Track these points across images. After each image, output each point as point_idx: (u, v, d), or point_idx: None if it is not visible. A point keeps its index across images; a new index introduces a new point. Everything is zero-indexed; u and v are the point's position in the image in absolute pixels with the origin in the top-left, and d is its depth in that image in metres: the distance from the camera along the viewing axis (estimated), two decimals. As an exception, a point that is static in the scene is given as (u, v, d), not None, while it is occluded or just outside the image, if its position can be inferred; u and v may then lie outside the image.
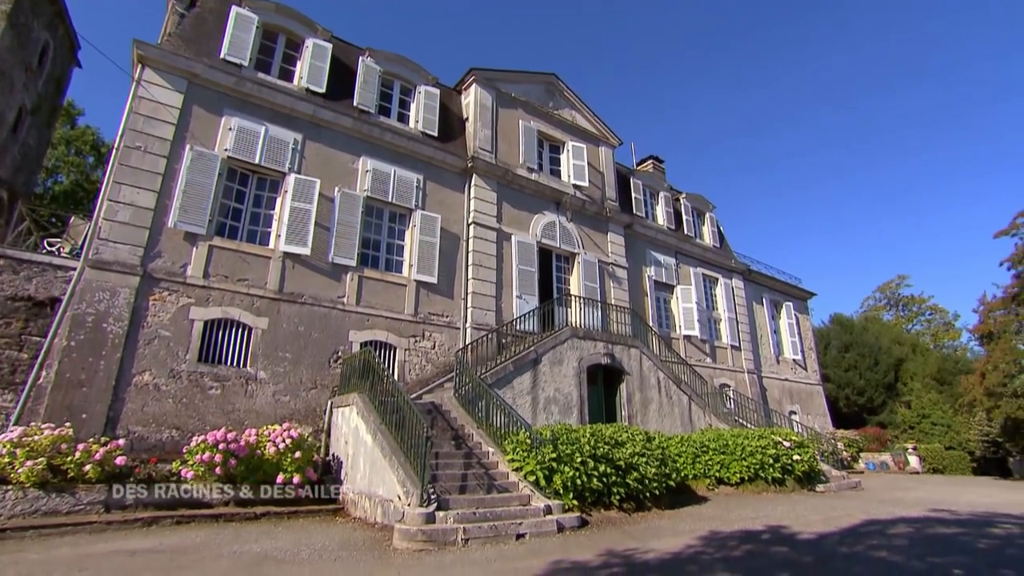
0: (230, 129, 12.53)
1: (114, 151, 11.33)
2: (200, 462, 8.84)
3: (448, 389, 12.55)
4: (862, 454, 25.39)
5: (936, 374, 32.18)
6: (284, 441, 9.47)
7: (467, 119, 17.36)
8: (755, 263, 26.96)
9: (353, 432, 10.16)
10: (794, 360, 27.38)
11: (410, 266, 14.51)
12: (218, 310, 11.43)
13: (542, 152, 18.92)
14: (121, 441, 8.97)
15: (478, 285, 15.34)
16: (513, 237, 16.56)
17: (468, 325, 14.88)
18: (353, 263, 13.43)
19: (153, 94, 11.73)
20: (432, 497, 7.77)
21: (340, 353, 12.68)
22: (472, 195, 16.17)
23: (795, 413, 25.24)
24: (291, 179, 12.98)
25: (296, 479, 9.28)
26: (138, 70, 11.79)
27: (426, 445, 7.98)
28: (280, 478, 9.20)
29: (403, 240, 14.85)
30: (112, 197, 10.85)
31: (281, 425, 10.03)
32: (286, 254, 12.54)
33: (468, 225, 15.86)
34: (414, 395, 12.38)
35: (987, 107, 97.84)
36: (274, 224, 12.80)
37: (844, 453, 23.61)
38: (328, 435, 11.44)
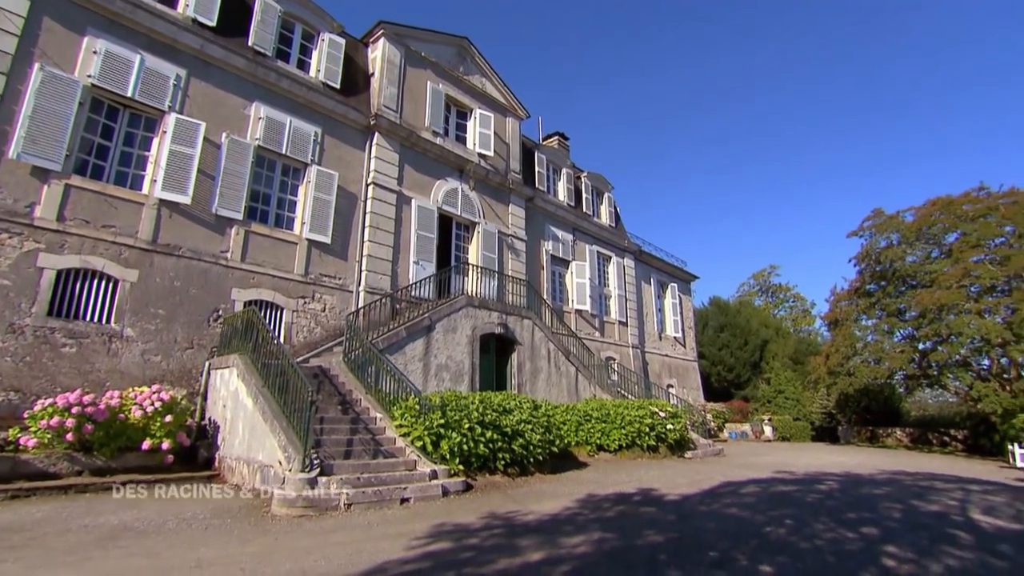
0: (95, 52, 10.98)
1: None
2: (46, 428, 7.94)
3: (337, 353, 12.24)
4: (727, 424, 28.16)
5: (793, 355, 36.19)
6: (153, 404, 8.79)
7: (373, 74, 16.56)
8: (646, 244, 28.49)
9: (233, 395, 9.64)
10: (675, 338, 29.48)
11: (302, 224, 13.77)
12: (76, 259, 10.18)
13: (449, 117, 18.55)
14: (-61, 406, 7.85)
15: (374, 248, 14.91)
16: (414, 201, 16.21)
17: (362, 289, 14.48)
18: (239, 216, 12.50)
19: (-17, -7, 9.88)
20: (315, 462, 7.61)
21: (221, 312, 11.86)
22: (373, 154, 15.55)
23: (672, 386, 27.31)
24: (171, 119, 11.72)
25: (166, 445, 8.67)
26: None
27: (310, 410, 7.75)
28: (147, 444, 8.56)
29: (296, 196, 14.02)
30: (-72, 116, 9.16)
31: (150, 387, 9.29)
32: (162, 201, 11.40)
33: (367, 185, 15.28)
34: (301, 358, 11.94)
35: (858, 115, 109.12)
36: (149, 167, 11.54)
37: (712, 423, 26.05)
38: (205, 398, 10.76)
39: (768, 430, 28.67)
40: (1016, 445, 18.72)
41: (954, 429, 28.69)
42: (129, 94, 11.27)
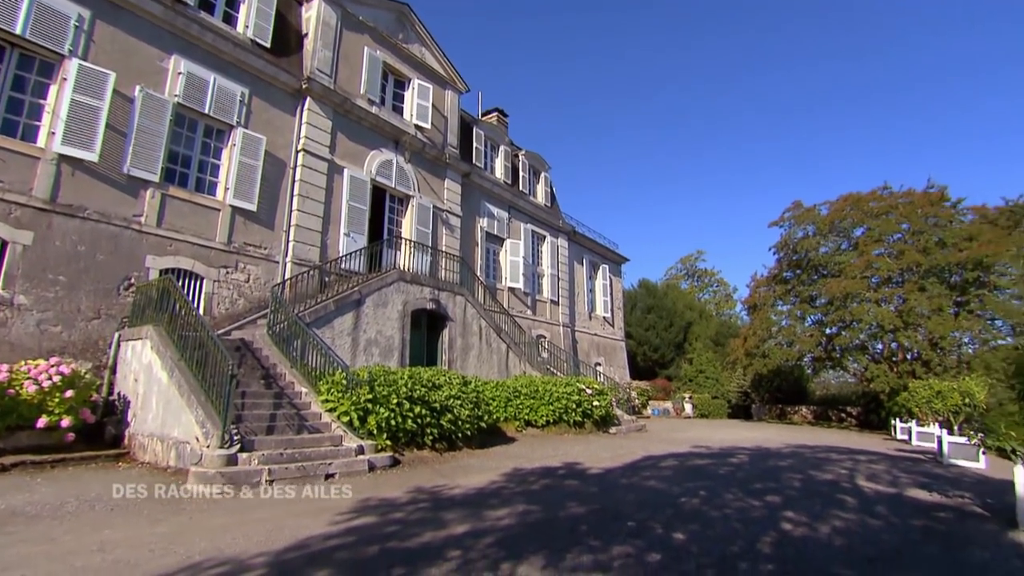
0: (-29, -21, 9.61)
1: None
2: (-85, 405, 7.15)
3: (261, 326, 11.76)
4: (651, 402, 29.39)
5: (714, 337, 38.18)
6: (51, 378, 8.08)
7: (306, 35, 15.69)
8: (580, 226, 28.96)
9: (146, 368, 9.10)
10: (604, 317, 30.32)
11: (226, 189, 13.00)
12: (-42, 216, 9.16)
13: (386, 86, 17.94)
14: None
15: (303, 218, 14.32)
16: (346, 171, 15.65)
17: (289, 259, 13.92)
18: (155, 178, 11.62)
19: None
20: (235, 438, 7.35)
21: (134, 280, 11.07)
22: (304, 120, 14.83)
23: (600, 364, 28.17)
24: (73, 65, 10.62)
25: (66, 422, 8.02)
26: None
27: (230, 383, 7.44)
28: (43, 422, 7.86)
29: (220, 159, 13.18)
30: None
31: (48, 360, 8.54)
32: (63, 156, 10.37)
33: (297, 152, 14.59)
34: (222, 331, 11.40)
35: (789, 110, 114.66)
36: (46, 118, 10.45)
37: (636, 401, 27.09)
38: (114, 372, 10.07)
39: (688, 407, 30.21)
40: (898, 420, 20.76)
41: (850, 407, 31.43)
42: (18, 31, 9.99)
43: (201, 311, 11.79)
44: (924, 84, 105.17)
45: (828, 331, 26.97)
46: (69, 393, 8.17)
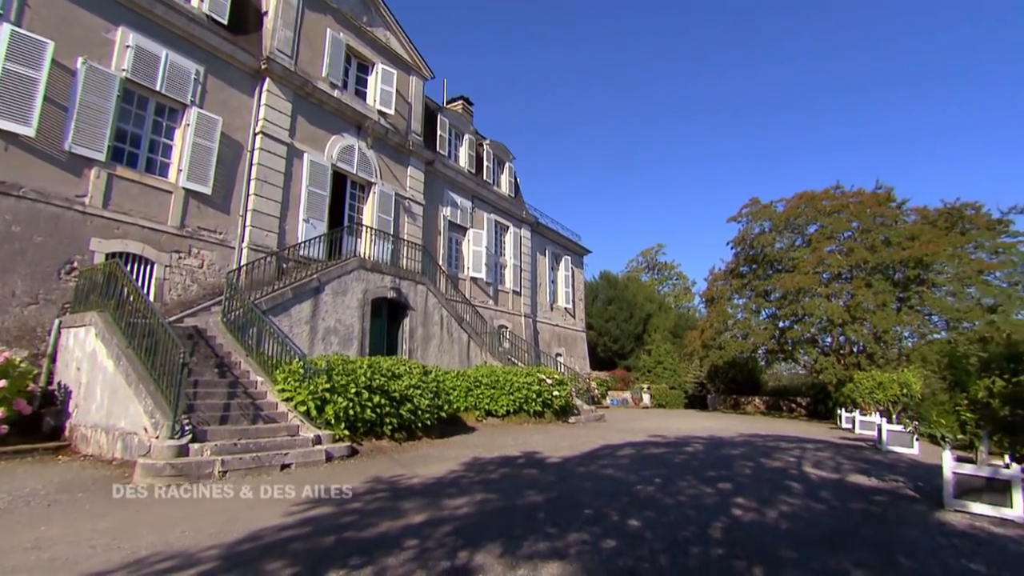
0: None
1: None
2: None
3: (216, 313, 11.41)
4: (610, 392, 29.83)
5: (673, 328, 38.96)
6: (-19, 367, 7.68)
7: (266, 13, 15.14)
8: (543, 216, 29.05)
9: (89, 357, 8.71)
10: (566, 308, 30.59)
11: (179, 171, 12.50)
12: None
13: (349, 69, 17.53)
14: None
15: (261, 203, 13.91)
16: (306, 156, 15.26)
17: (245, 245, 13.51)
18: (101, 157, 11.06)
19: None
20: (186, 428, 7.13)
21: (77, 264, 10.54)
22: (263, 101, 14.36)
23: (561, 355, 28.45)
24: (4, 30, 9.87)
25: (-1, 413, 7.63)
26: None
27: (182, 372, 7.19)
28: (-28, 413, 7.47)
29: (172, 139, 12.64)
30: None
31: (-21, 347, 8.10)
32: (-5, 130, 9.76)
33: (255, 134, 14.12)
34: (174, 318, 11.02)
35: (757, 107, 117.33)
36: (-26, 87, 9.80)
37: (596, 391, 27.49)
38: (53, 360, 9.61)
39: (646, 398, 30.84)
40: (843, 410, 21.73)
41: (800, 397, 32.68)
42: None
43: (151, 297, 11.34)
44: (888, 84, 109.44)
45: (781, 324, 27.90)
46: (2, 383, 7.75)
